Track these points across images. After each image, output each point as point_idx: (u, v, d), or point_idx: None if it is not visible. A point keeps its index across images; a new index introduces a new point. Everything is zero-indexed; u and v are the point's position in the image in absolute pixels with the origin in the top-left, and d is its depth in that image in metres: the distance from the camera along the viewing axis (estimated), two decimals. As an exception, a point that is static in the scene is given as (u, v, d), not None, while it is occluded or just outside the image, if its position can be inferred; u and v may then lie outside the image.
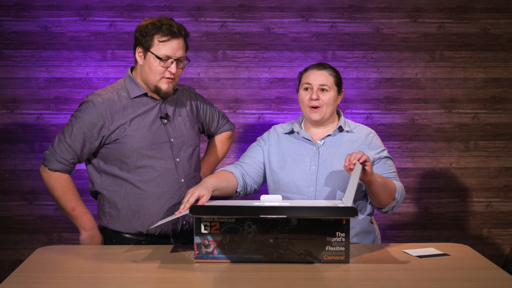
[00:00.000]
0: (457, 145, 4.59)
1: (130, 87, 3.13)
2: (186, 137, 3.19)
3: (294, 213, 2.60)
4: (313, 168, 3.08)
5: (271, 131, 3.28)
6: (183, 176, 3.15)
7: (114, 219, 3.14)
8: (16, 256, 4.50)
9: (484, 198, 4.64)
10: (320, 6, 4.48)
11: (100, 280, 2.52)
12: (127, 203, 3.10)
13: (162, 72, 3.04)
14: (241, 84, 4.51)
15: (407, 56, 4.53)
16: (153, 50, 3.01)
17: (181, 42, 3.05)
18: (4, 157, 4.45)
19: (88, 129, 3.05)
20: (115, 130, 3.06)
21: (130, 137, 3.06)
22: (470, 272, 2.61)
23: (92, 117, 3.05)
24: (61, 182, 3.08)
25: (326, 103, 3.09)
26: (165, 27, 3.00)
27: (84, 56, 4.42)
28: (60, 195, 3.09)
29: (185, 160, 3.17)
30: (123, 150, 3.06)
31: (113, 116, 3.06)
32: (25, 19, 4.39)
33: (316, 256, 2.67)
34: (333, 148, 3.10)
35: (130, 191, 3.10)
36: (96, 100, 3.06)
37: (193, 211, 2.62)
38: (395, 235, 4.61)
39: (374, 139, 3.16)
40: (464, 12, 4.52)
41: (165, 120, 3.15)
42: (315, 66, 3.13)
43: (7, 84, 4.42)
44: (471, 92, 4.57)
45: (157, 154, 3.09)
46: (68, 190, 3.09)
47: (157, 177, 3.10)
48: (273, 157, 3.18)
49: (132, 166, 3.08)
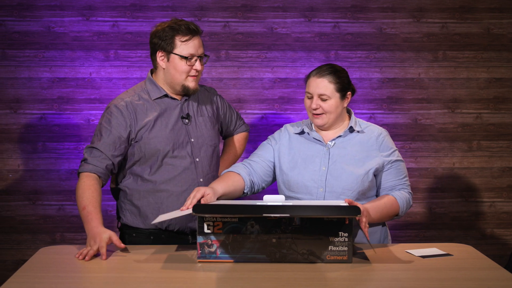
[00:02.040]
0: (460, 145, 4.59)
1: (151, 89, 3.17)
2: (207, 137, 3.23)
3: (297, 212, 2.60)
4: (323, 169, 3.06)
5: (282, 131, 3.25)
6: (202, 176, 3.18)
7: (134, 217, 3.17)
8: (19, 256, 4.50)
9: (487, 198, 4.63)
10: (323, 6, 4.48)
11: (103, 280, 2.53)
12: (147, 201, 3.14)
13: (188, 71, 3.10)
14: (244, 84, 4.51)
15: (410, 56, 4.53)
16: (176, 51, 3.07)
17: (200, 40, 3.12)
18: (7, 157, 4.45)
19: (117, 131, 3.07)
20: (139, 130, 3.10)
21: (154, 138, 3.10)
22: (473, 272, 2.61)
23: (119, 120, 3.08)
24: (85, 181, 2.98)
25: (327, 111, 3.06)
26: (183, 27, 3.06)
27: (87, 56, 4.42)
28: (79, 193, 2.96)
29: (205, 159, 3.20)
30: (146, 150, 3.10)
31: (137, 117, 3.10)
32: (28, 19, 4.40)
33: (319, 256, 2.67)
34: (343, 149, 3.09)
35: (150, 189, 3.13)
36: (120, 104, 3.11)
37: (196, 210, 2.62)
38: (398, 235, 4.61)
39: (385, 140, 3.12)
40: (467, 12, 4.52)
41: (186, 120, 3.19)
42: (316, 72, 3.07)
43: (10, 84, 4.42)
44: (474, 92, 4.56)
45: (177, 153, 3.13)
46: (87, 190, 2.95)
47: (176, 176, 3.13)
48: (284, 157, 3.16)
49: (153, 165, 3.12)
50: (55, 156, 4.46)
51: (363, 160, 3.06)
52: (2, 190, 4.47)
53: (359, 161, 3.05)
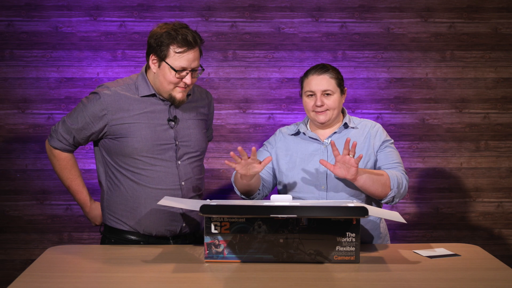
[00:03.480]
0: (468, 145, 4.58)
1: (141, 85, 3.11)
2: (194, 141, 3.17)
3: (304, 213, 2.60)
4: (323, 167, 3.08)
5: (277, 134, 3.28)
6: (184, 179, 3.13)
7: (112, 215, 3.14)
8: (27, 255, 4.51)
9: (495, 198, 4.62)
10: (330, 6, 4.48)
11: (110, 280, 2.53)
12: (125, 198, 3.10)
13: (177, 83, 3.02)
14: (251, 84, 4.51)
15: (418, 56, 4.52)
16: (168, 61, 2.98)
17: (196, 52, 3.00)
18: (15, 157, 4.47)
19: (90, 118, 3.07)
20: (117, 124, 3.06)
21: (132, 136, 3.06)
22: (480, 272, 2.60)
23: (95, 108, 3.06)
24: (59, 160, 3.19)
25: (332, 107, 3.08)
26: (180, 37, 2.94)
27: (94, 56, 4.43)
28: (58, 171, 3.22)
29: (188, 163, 3.15)
30: (124, 147, 3.06)
31: (117, 110, 3.06)
32: (36, 19, 4.41)
33: (326, 256, 2.67)
34: (340, 145, 3.10)
35: (129, 187, 3.09)
36: (103, 92, 3.07)
37: (203, 210, 2.61)
38: (405, 235, 4.60)
39: (379, 130, 3.18)
40: (474, 11, 4.51)
41: (173, 123, 3.12)
42: (316, 71, 3.10)
43: (18, 84, 4.43)
44: (481, 92, 4.55)
45: (158, 155, 3.08)
46: (65, 169, 3.20)
47: (156, 177, 3.08)
48: (282, 159, 3.18)
49: (132, 163, 3.07)
50: (63, 156, 4.46)
51: (360, 152, 3.08)
52: (10, 190, 4.48)
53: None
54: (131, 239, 3.13)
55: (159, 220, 3.10)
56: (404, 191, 3.06)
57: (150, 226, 3.10)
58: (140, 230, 3.11)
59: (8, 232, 4.50)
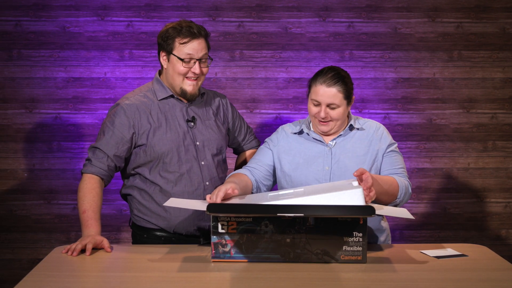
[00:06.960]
0: (475, 145, 4.57)
1: (157, 89, 3.19)
2: (213, 141, 3.23)
3: (311, 212, 2.59)
4: (326, 169, 3.07)
5: (279, 132, 3.24)
6: (208, 179, 3.18)
7: (143, 218, 3.19)
8: (34, 255, 4.52)
9: (502, 198, 4.61)
10: (338, 5, 4.47)
11: (117, 279, 2.53)
12: (154, 203, 3.15)
13: (186, 73, 3.10)
14: (258, 84, 4.51)
15: (425, 56, 4.51)
16: (175, 52, 3.08)
17: (202, 42, 3.11)
18: (22, 157, 4.48)
19: (120, 131, 3.08)
20: (144, 131, 3.11)
21: (158, 141, 3.11)
22: (488, 273, 2.59)
23: (122, 120, 3.09)
24: (87, 183, 3.02)
25: (335, 118, 3.05)
26: (184, 29, 3.07)
27: (102, 56, 4.44)
28: (80, 195, 3.01)
29: (211, 163, 3.21)
30: (151, 153, 3.11)
31: (141, 118, 3.11)
32: (43, 19, 4.42)
33: (333, 256, 2.67)
34: (345, 147, 3.09)
35: (157, 192, 3.14)
36: (124, 103, 3.12)
37: (210, 209, 2.61)
38: (413, 236, 4.59)
39: (384, 133, 3.16)
40: (482, 11, 4.50)
41: (192, 123, 3.19)
42: (325, 80, 3.01)
43: (25, 83, 4.44)
44: (489, 92, 4.54)
45: (182, 156, 3.14)
46: (89, 193, 2.99)
47: (182, 179, 3.14)
48: (284, 158, 3.16)
49: (159, 167, 3.13)
50: (70, 155, 4.47)
51: (365, 156, 3.08)
52: (17, 190, 4.49)
53: (361, 157, 3.07)
54: (162, 235, 3.18)
55: (187, 220, 3.16)
56: (408, 198, 3.08)
57: (180, 227, 3.16)
58: (170, 231, 3.17)
59: (16, 231, 4.52)
